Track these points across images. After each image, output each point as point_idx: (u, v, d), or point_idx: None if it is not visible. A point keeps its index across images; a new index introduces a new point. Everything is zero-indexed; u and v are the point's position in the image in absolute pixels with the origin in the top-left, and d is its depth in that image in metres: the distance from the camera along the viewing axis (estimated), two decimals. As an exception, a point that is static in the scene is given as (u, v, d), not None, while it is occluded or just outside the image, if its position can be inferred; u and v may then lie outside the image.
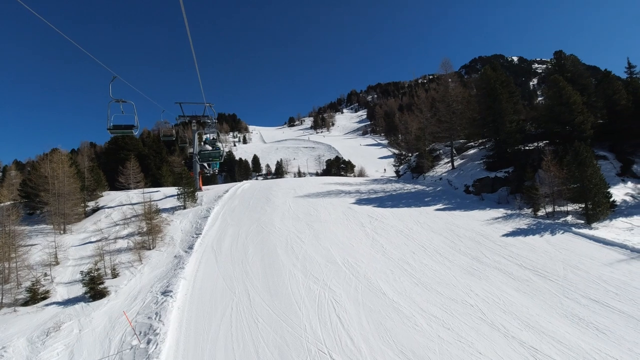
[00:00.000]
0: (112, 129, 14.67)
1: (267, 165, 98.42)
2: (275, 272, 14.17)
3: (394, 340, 9.48)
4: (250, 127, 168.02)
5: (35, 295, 13.44)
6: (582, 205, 18.22)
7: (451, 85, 35.22)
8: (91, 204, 27.66)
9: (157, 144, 54.62)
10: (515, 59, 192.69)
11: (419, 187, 30.07)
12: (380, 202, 25.12)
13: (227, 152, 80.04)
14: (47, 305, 13.18)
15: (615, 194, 19.82)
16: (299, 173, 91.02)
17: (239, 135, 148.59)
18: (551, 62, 35.26)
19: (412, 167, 37.48)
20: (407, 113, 59.10)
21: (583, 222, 17.87)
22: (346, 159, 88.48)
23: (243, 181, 45.95)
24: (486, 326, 9.99)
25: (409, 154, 43.63)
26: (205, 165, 34.05)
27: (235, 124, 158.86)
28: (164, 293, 12.83)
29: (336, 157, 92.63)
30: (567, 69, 29.33)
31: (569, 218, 18.75)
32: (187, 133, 35.70)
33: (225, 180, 74.56)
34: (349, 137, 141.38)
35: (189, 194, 25.78)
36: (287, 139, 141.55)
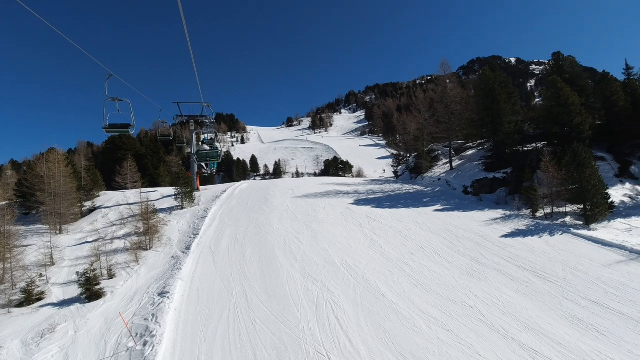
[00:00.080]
0: (107, 128, 14.45)
1: (265, 166, 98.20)
2: (273, 273, 14.07)
3: (393, 342, 9.40)
4: (249, 127, 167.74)
5: (30, 297, 13.26)
6: (580, 206, 18.23)
7: (449, 86, 35.24)
8: (88, 204, 27.45)
9: (154, 143, 54.33)
10: (512, 60, 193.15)
11: (418, 187, 30.03)
12: (379, 202, 25.05)
13: (225, 152, 79.95)
14: (42, 306, 13.01)
15: (614, 195, 19.85)
16: (297, 173, 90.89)
17: (237, 135, 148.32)
18: (549, 64, 35.41)
19: (410, 168, 37.46)
20: (406, 114, 59.17)
21: (582, 223, 17.87)
22: (344, 160, 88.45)
23: (241, 181, 45.77)
24: (486, 328, 9.93)
25: (407, 154, 43.63)
26: (203, 165, 33.87)
27: (233, 124, 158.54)
28: (160, 294, 12.70)
29: (334, 157, 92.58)
30: (565, 70, 29.34)
31: (568, 219, 18.75)
32: (185, 133, 35.61)
33: (223, 180, 74.27)
34: (347, 138, 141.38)
35: (187, 194, 25.63)
36: (286, 139, 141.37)
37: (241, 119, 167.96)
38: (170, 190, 28.10)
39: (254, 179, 78.96)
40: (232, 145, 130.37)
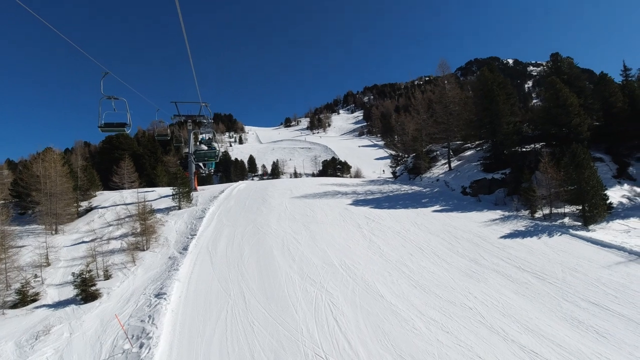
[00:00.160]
0: (103, 127, 14.24)
1: (263, 166, 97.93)
2: (271, 273, 13.96)
3: (392, 344, 9.31)
4: (247, 128, 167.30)
5: (24, 298, 13.11)
6: (579, 207, 18.21)
7: (448, 87, 35.23)
8: (84, 204, 27.24)
9: (152, 143, 54.10)
10: (510, 61, 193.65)
11: (416, 188, 30.00)
12: (377, 203, 24.99)
13: (222, 152, 79.72)
14: (36, 307, 12.87)
15: (612, 196, 19.84)
16: (295, 174, 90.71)
17: (235, 135, 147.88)
18: (547, 65, 35.42)
19: (408, 168, 37.43)
20: (404, 114, 59.19)
21: (580, 224, 17.85)
22: (342, 160, 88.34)
23: (239, 181, 45.63)
24: (485, 329, 9.86)
25: (406, 155, 43.61)
26: (201, 165, 33.68)
27: (231, 124, 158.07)
28: (157, 295, 12.57)
29: (332, 157, 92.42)
30: (563, 71, 29.40)
31: (566, 220, 18.73)
32: (183, 133, 35.40)
33: (221, 180, 74.01)
34: (346, 138, 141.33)
35: (184, 194, 25.47)
36: (284, 139, 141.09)
37: (239, 119, 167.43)
38: (168, 191, 27.93)
39: (252, 179, 78.76)
40: (230, 146, 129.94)
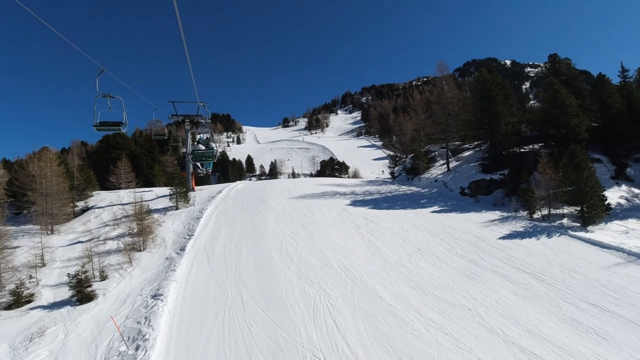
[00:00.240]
0: (98, 126, 13.91)
1: (261, 166, 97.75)
2: (269, 275, 13.85)
3: (392, 346, 9.23)
4: (244, 128, 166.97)
5: (19, 299, 12.94)
6: (577, 208, 18.19)
7: (446, 87, 35.23)
8: (80, 204, 26.99)
9: (149, 143, 53.83)
10: (508, 62, 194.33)
11: (414, 188, 29.95)
12: (376, 203, 24.92)
13: (220, 152, 79.36)
14: (31, 309, 12.70)
15: (610, 197, 19.83)
16: (293, 174, 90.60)
17: (232, 135, 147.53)
18: (545, 66, 35.43)
19: (407, 169, 37.38)
20: (402, 115, 59.21)
21: (579, 225, 17.83)
22: (340, 160, 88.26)
23: (237, 182, 45.45)
24: (485, 331, 9.80)
25: (404, 155, 43.58)
26: (199, 165, 33.51)
27: (229, 124, 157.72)
28: (154, 296, 12.44)
29: (330, 158, 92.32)
30: (561, 72, 29.43)
31: (565, 221, 18.72)
32: (180, 132, 35.21)
33: (219, 180, 73.80)
34: (344, 139, 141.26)
35: (182, 195, 25.30)
36: (282, 139, 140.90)
37: (237, 119, 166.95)
38: (165, 191, 27.74)
39: (250, 180, 78.58)
40: (228, 146, 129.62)
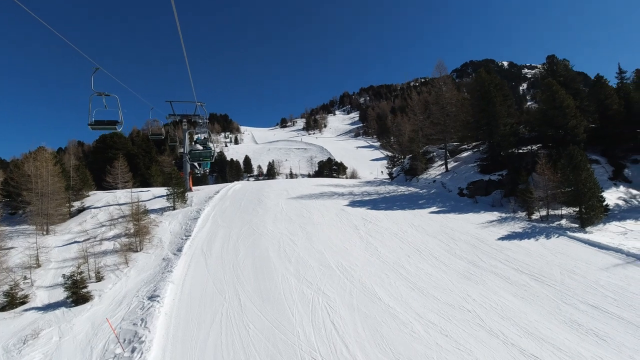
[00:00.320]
0: (93, 125, 13.68)
1: (259, 166, 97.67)
2: (267, 276, 13.73)
3: (391, 348, 9.13)
4: (242, 128, 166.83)
5: (13, 300, 12.75)
6: (576, 208, 18.18)
7: (445, 88, 35.20)
8: (77, 204, 26.82)
9: (146, 143, 53.62)
10: (505, 63, 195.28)
11: (413, 189, 29.91)
12: (374, 204, 24.84)
13: (218, 152, 79.14)
14: (25, 310, 12.51)
15: (608, 198, 19.86)
16: (291, 174, 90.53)
17: (230, 135, 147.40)
18: (543, 67, 35.54)
19: (405, 170, 37.34)
20: (400, 115, 59.20)
21: (577, 225, 17.81)
22: (338, 161, 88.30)
23: (234, 182, 45.29)
24: (485, 333, 9.72)
25: (402, 156, 43.53)
26: (196, 165, 33.36)
27: (227, 125, 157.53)
28: (150, 298, 12.29)
29: (328, 158, 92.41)
30: (559, 73, 29.53)
31: (563, 222, 18.70)
32: (178, 132, 35.03)
33: (216, 181, 73.60)
34: (342, 139, 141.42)
35: (179, 195, 25.14)
36: (279, 140, 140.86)
37: (235, 119, 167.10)
38: (162, 191, 27.58)
39: (248, 180, 78.38)
40: (226, 146, 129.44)
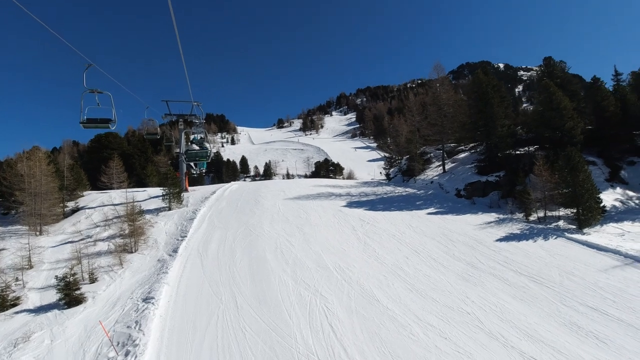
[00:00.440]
0: (85, 123, 13.24)
1: (256, 167, 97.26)
2: (264, 277, 13.56)
3: (390, 351, 9.00)
4: (239, 128, 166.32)
5: (4, 302, 12.50)
6: (573, 210, 18.16)
7: (442, 89, 35.19)
8: (71, 205, 26.47)
9: (142, 143, 53.19)
10: (501, 65, 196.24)
11: (410, 190, 29.83)
12: (372, 205, 24.74)
13: (214, 152, 78.85)
14: (16, 312, 12.26)
15: (605, 199, 19.86)
16: (288, 175, 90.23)
17: (227, 136, 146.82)
18: (540, 69, 35.68)
19: (402, 170, 37.28)
20: (398, 116, 59.20)
21: (575, 227, 17.80)
22: (335, 162, 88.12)
23: (231, 182, 45.02)
24: (484, 335, 9.61)
25: (399, 157, 43.49)
26: (192, 165, 33.08)
27: (223, 125, 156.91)
28: (145, 300, 12.08)
29: (325, 159, 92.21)
30: (556, 75, 29.59)
31: (561, 223, 18.68)
32: (174, 132, 34.74)
33: (213, 181, 73.21)
34: (338, 140, 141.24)
35: (175, 195, 24.89)
36: (276, 140, 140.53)
37: (231, 120, 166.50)
38: (158, 191, 27.29)
39: (244, 180, 78.04)
40: (222, 146, 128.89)
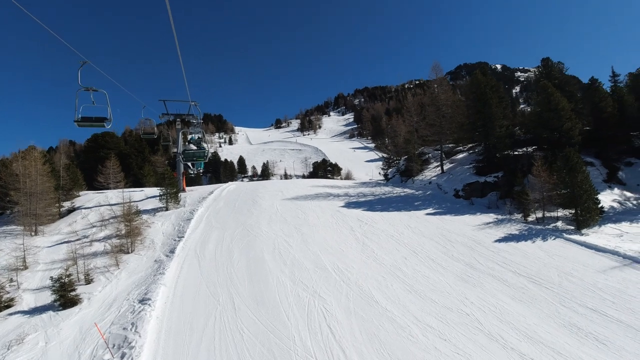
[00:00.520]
0: (80, 122, 13.00)
1: (253, 167, 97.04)
2: (262, 278, 13.45)
3: (389, 353, 8.92)
4: (237, 128, 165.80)
5: (-2, 304, 12.34)
6: (572, 211, 18.16)
7: (437, 90, 35.21)
8: (67, 205, 26.26)
9: (139, 142, 52.99)
10: (498, 66, 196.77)
11: (408, 190, 29.79)
12: (370, 205, 24.67)
13: (212, 152, 78.58)
14: (10, 314, 12.10)
15: (603, 200, 19.89)
16: (286, 175, 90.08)
17: (225, 136, 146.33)
18: (538, 69, 35.74)
19: (401, 171, 37.25)
20: (396, 117, 59.17)
21: (573, 228, 17.80)
22: (333, 162, 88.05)
23: (228, 182, 44.89)
24: (484, 337, 9.55)
25: (397, 157, 43.47)
26: (190, 165, 32.90)
27: (221, 125, 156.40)
28: (141, 301, 11.94)
29: (323, 159, 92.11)
30: (554, 75, 29.64)
31: (559, 224, 18.68)
32: (171, 132, 34.54)
33: (210, 181, 73.03)
34: (336, 140, 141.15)
35: (172, 195, 24.72)
36: (274, 140, 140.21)
37: (229, 120, 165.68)
38: (155, 191, 27.11)
39: (242, 180, 77.90)
40: (220, 146, 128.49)
